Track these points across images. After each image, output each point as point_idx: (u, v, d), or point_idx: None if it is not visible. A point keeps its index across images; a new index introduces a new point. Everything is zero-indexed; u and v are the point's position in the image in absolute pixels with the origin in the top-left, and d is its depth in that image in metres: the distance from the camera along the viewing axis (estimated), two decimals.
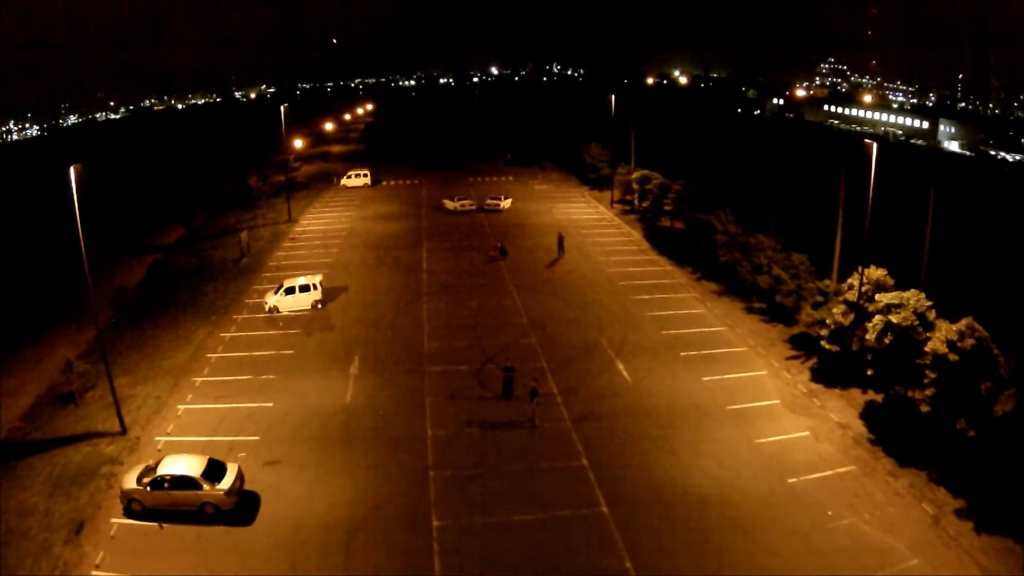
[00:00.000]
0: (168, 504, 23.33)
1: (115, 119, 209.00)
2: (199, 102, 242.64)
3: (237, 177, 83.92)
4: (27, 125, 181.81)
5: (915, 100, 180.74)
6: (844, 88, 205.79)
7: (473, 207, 65.94)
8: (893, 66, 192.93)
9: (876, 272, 32.56)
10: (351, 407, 29.84)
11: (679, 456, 26.33)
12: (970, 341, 27.14)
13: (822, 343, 33.07)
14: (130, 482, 23.78)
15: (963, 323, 27.66)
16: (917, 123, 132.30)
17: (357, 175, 79.91)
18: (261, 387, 31.88)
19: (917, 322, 29.21)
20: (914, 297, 29.80)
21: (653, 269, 47.81)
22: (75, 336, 39.02)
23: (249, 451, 26.86)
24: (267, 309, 40.55)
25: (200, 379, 33.09)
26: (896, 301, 29.81)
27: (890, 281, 32.81)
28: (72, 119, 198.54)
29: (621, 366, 33.11)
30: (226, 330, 38.76)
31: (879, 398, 31.07)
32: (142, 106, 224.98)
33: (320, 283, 41.76)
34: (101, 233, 61.20)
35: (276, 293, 40.88)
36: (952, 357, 27.13)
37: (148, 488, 23.38)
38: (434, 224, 61.53)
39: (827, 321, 33.17)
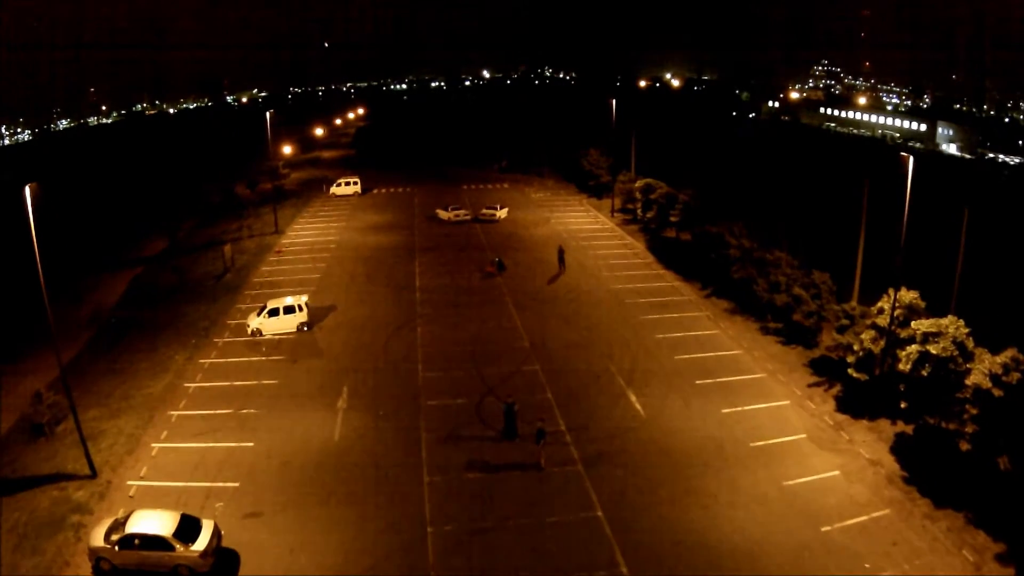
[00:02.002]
0: (138, 564, 21.17)
1: (107, 123, 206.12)
2: (190, 106, 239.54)
3: (224, 185, 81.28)
4: (19, 129, 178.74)
5: (909, 102, 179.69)
6: (838, 90, 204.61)
7: (468, 217, 63.39)
8: (888, 66, 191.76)
9: (908, 295, 30.29)
10: (340, 448, 27.18)
11: (703, 503, 23.88)
12: (1016, 375, 25.01)
13: (849, 371, 30.77)
14: (98, 539, 21.57)
15: (1007, 355, 25.50)
16: (914, 126, 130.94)
17: (347, 183, 77.21)
18: (242, 423, 29.24)
19: (956, 352, 26.92)
20: (952, 325, 27.47)
21: (660, 285, 45.30)
22: (50, 358, 36.11)
23: (228, 499, 24.35)
24: (249, 332, 37.85)
25: (176, 413, 30.46)
26: (934, 329, 27.47)
27: (922, 304, 30.61)
28: (64, 123, 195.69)
29: (633, 397, 30.58)
30: (206, 356, 36.07)
31: (909, 429, 28.84)
32: (134, 110, 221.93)
33: (306, 303, 39.06)
34: (84, 244, 59.62)
35: (259, 314, 38.15)
36: (996, 392, 25.00)
37: (117, 547, 21.16)
38: (427, 235, 58.92)
39: (854, 347, 30.84)
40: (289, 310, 38.02)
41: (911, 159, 27.72)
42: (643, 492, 24.39)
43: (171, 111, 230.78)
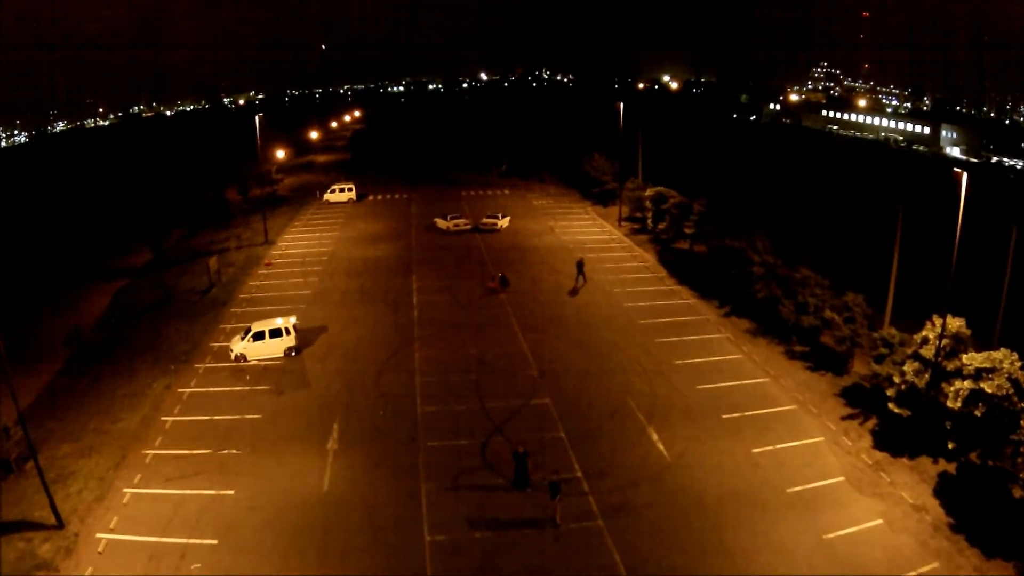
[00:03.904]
0: None
1: (104, 126, 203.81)
2: (188, 108, 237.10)
3: (216, 190, 78.48)
4: (15, 131, 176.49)
5: (909, 104, 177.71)
6: (837, 92, 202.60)
7: (468, 226, 60.51)
8: (888, 67, 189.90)
9: (955, 323, 27.54)
10: (330, 499, 24.24)
11: (740, 565, 21.10)
12: None
13: (890, 405, 28.05)
14: None
15: None
16: (918, 128, 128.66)
17: (341, 189, 74.35)
18: (222, 465, 26.36)
19: (1012, 390, 24.27)
20: (1007, 359, 24.84)
21: (675, 302, 42.45)
22: (25, 380, 33.77)
23: (205, 560, 21.55)
24: (233, 357, 34.93)
25: (151, 452, 27.61)
26: (987, 365, 24.81)
27: (967, 332, 27.92)
28: (60, 125, 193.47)
29: (655, 436, 27.70)
30: (185, 384, 33.19)
31: (952, 468, 26.20)
32: (131, 112, 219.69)
33: (294, 326, 36.13)
34: (73, 252, 57.13)
35: (243, 338, 35.19)
36: None
37: None
38: (425, 246, 56.04)
39: (895, 379, 28.13)
40: (275, 333, 35.09)
41: (965, 175, 25.06)
42: (672, 552, 21.59)
43: (168, 113, 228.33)
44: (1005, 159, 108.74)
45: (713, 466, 25.85)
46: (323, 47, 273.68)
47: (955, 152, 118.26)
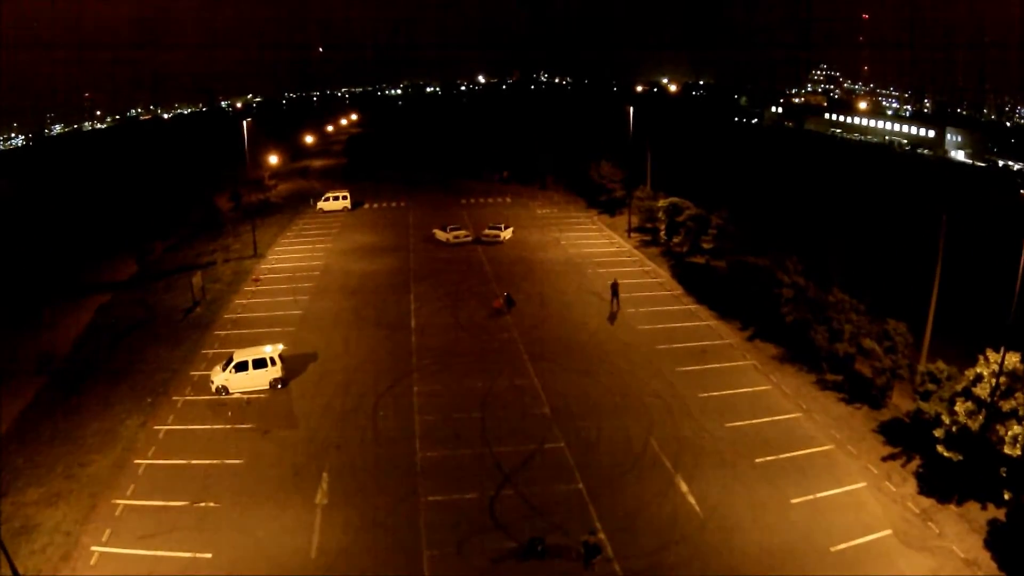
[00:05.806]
0: None
1: (101, 129, 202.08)
2: (185, 111, 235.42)
3: (206, 197, 75.80)
4: (13, 135, 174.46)
5: (909, 106, 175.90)
6: (837, 95, 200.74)
7: (469, 238, 57.58)
8: (888, 68, 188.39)
9: (1011, 358, 24.78)
10: (318, 566, 21.22)
11: None
12: None
13: (939, 448, 25.30)
14: None
15: None
16: (922, 131, 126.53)
17: (335, 197, 71.55)
18: (199, 521, 23.50)
19: None
20: None
21: (694, 324, 39.51)
22: (5, 403, 32.18)
23: None
24: (214, 389, 31.96)
25: (123, 502, 24.81)
26: None
27: (1021, 367, 25.17)
28: (58, 128, 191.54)
29: (684, 487, 24.74)
30: (162, 420, 30.31)
31: (1002, 514, 23.60)
32: (129, 115, 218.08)
33: (281, 355, 33.13)
34: (56, 264, 54.49)
35: (224, 369, 32.22)
36: None
37: None
38: (424, 260, 53.12)
39: (944, 419, 25.38)
40: (260, 363, 32.07)
41: None
42: None
43: (165, 116, 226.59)
44: (1010, 162, 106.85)
45: (750, 522, 23.01)
46: (321, 49, 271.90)
47: (960, 156, 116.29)
